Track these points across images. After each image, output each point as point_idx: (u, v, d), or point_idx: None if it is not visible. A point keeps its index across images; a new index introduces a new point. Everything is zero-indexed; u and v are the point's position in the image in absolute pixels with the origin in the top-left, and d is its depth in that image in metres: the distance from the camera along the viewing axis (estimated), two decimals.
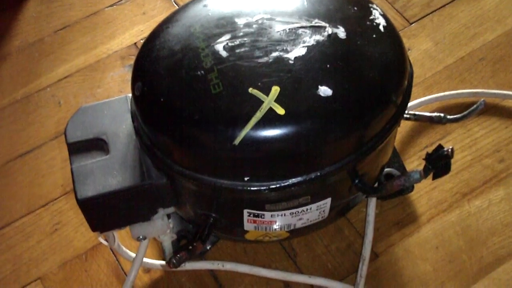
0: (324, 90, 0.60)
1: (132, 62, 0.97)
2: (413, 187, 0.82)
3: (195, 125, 0.60)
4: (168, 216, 0.71)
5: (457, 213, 0.82)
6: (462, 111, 0.82)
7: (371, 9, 0.67)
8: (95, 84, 0.96)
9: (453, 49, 0.98)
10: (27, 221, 0.84)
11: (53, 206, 0.85)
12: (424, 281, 0.77)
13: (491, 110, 0.90)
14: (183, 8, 0.69)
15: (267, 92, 0.59)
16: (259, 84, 0.60)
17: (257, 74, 0.61)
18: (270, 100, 0.59)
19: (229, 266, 0.78)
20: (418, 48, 0.98)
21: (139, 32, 1.02)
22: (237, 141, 0.58)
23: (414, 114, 0.78)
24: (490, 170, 0.85)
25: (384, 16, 0.68)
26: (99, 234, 0.70)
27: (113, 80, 0.96)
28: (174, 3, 1.06)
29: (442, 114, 0.77)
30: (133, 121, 0.67)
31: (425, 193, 0.83)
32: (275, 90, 0.60)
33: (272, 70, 0.61)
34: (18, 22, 1.04)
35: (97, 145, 0.68)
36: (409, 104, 0.84)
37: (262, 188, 0.62)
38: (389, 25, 0.67)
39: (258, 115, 0.59)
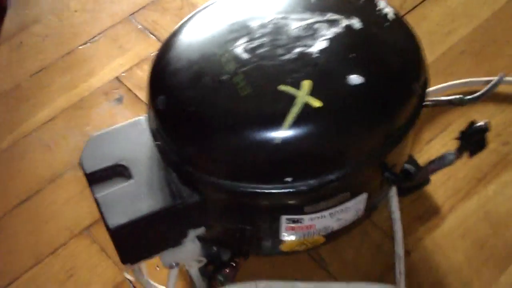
0: (356, 79, 0.59)
1: (116, 96, 0.95)
2: (429, 179, 0.81)
3: (231, 131, 0.58)
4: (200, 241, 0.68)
5: (476, 198, 0.82)
6: None
7: (376, 0, 0.68)
8: (83, 122, 0.93)
9: (432, 46, 1.00)
10: (37, 271, 0.79)
11: (63, 251, 0.80)
12: (459, 271, 0.76)
13: (485, 97, 0.91)
14: (190, 19, 0.67)
15: (298, 87, 0.58)
16: (289, 80, 0.59)
17: (284, 71, 0.60)
18: (304, 94, 0.58)
19: (262, 285, 0.74)
20: None
21: (119, 65, 1.00)
22: (277, 140, 0.57)
23: (433, 100, 0.78)
24: (497, 154, 0.86)
25: (389, 6, 0.68)
26: (127, 268, 0.66)
27: (100, 116, 0.93)
28: (150, 33, 1.04)
29: (461, 95, 0.78)
30: (155, 139, 0.64)
31: (441, 184, 0.83)
32: (307, 83, 0.58)
33: (298, 65, 0.60)
34: None
35: (117, 171, 0.65)
36: (430, 100, 0.85)
37: (304, 187, 0.60)
38: (396, 14, 0.68)
39: (295, 110, 0.57)
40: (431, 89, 0.91)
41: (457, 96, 0.79)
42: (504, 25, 1.01)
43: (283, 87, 0.58)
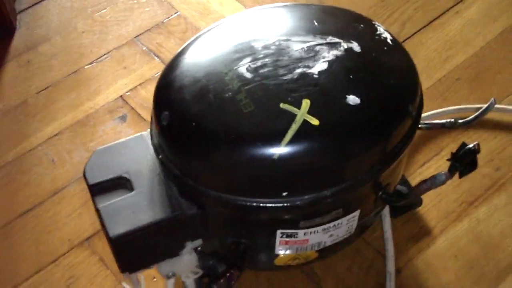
0: (353, 99, 0.62)
1: (120, 114, 0.98)
2: (421, 201, 0.84)
3: (232, 145, 0.61)
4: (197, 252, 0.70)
5: (467, 221, 0.84)
6: None
7: (375, 25, 0.71)
8: (87, 138, 0.95)
9: (429, 72, 1.02)
10: (38, 279, 0.81)
11: (63, 261, 0.82)
12: None
13: (478, 123, 0.93)
14: (196, 39, 0.70)
15: (298, 106, 0.61)
16: (289, 99, 0.61)
17: (285, 90, 0.62)
18: (303, 113, 0.60)
19: None
20: None
21: (123, 85, 1.02)
22: (276, 155, 0.59)
23: (426, 123, 0.81)
24: (489, 178, 0.88)
25: (387, 31, 0.71)
26: (125, 277, 0.68)
27: (105, 133, 0.96)
28: (154, 55, 1.07)
29: (453, 119, 0.80)
30: (157, 154, 0.66)
31: (433, 206, 0.85)
32: (306, 102, 0.61)
33: (299, 85, 0.63)
34: None
35: (120, 184, 0.67)
36: (424, 123, 0.87)
37: (300, 202, 0.62)
38: (394, 39, 0.70)
39: (294, 127, 0.60)
40: (426, 114, 0.94)
41: (450, 120, 0.81)
42: (497, 54, 1.04)
43: (284, 105, 0.61)
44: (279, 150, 0.59)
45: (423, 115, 0.92)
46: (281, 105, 0.61)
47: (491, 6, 1.12)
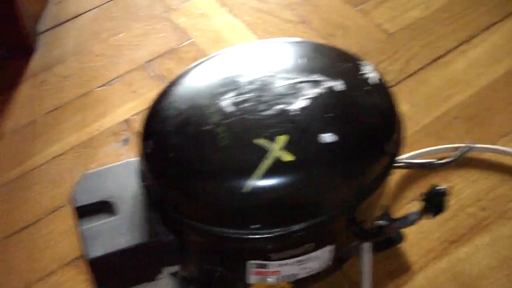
0: (327, 137, 0.64)
1: (124, 137, 1.02)
2: (402, 237, 0.85)
3: (205, 176, 0.64)
4: (175, 276, 0.73)
5: (447, 260, 0.85)
6: None
7: (362, 65, 0.73)
8: (89, 159, 0.99)
9: (428, 110, 1.04)
10: None
11: (50, 279, 0.85)
12: None
13: (470, 163, 0.95)
14: (186, 72, 0.74)
15: (273, 141, 0.63)
16: (265, 134, 0.64)
17: (262, 126, 0.65)
18: (276, 149, 0.63)
19: None
20: None
21: (130, 109, 1.06)
22: (245, 189, 0.62)
23: (406, 163, 0.83)
24: (474, 218, 0.89)
25: (374, 71, 0.73)
26: None
27: (107, 155, 0.99)
28: (164, 80, 1.10)
29: (432, 160, 0.82)
30: (142, 180, 0.70)
31: (415, 243, 0.87)
32: (281, 139, 0.64)
33: (277, 121, 0.65)
34: (11, 105, 1.08)
35: (104, 208, 0.71)
36: (402, 162, 0.89)
37: (269, 235, 0.64)
38: (379, 79, 0.72)
39: (266, 162, 0.62)
40: (419, 151, 0.95)
41: (429, 160, 0.83)
42: (498, 94, 1.05)
43: (257, 141, 0.64)
44: (249, 184, 0.62)
45: (418, 151, 0.95)
46: (255, 140, 0.64)
47: (496, 47, 1.13)
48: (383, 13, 1.20)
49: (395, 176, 0.93)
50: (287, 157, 0.63)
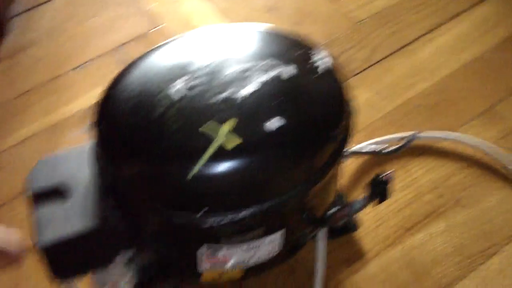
0: (274, 122, 0.65)
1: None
2: (357, 225, 0.87)
3: (153, 160, 0.65)
4: (130, 262, 0.75)
5: (401, 247, 0.87)
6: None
7: (317, 52, 0.74)
8: (57, 143, 1.01)
9: (392, 97, 1.06)
10: None
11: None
12: None
13: (428, 151, 0.97)
14: (143, 56, 0.74)
15: (221, 124, 0.65)
16: (214, 118, 0.65)
17: (210, 111, 0.66)
18: (222, 134, 0.64)
19: None
20: (360, 98, 1.05)
21: (99, 93, 1.07)
22: (190, 175, 0.63)
23: (354, 152, 0.85)
24: (430, 205, 0.91)
25: (328, 58, 0.74)
26: (59, 284, 0.72)
27: (73, 140, 1.01)
28: None
29: (379, 148, 0.85)
30: (95, 163, 0.71)
31: (371, 231, 0.89)
32: (227, 124, 0.65)
33: (225, 107, 0.66)
34: None
35: (59, 193, 0.71)
36: (352, 149, 0.91)
37: (217, 220, 0.66)
38: (331, 66, 0.73)
39: (211, 149, 0.64)
40: (378, 139, 0.97)
41: (378, 149, 0.85)
42: (460, 84, 1.06)
43: (204, 127, 0.65)
44: (195, 169, 0.63)
45: (378, 138, 0.97)
46: (204, 124, 0.65)
47: (463, 36, 1.14)
48: (351, 1, 1.21)
49: (354, 165, 0.95)
50: (235, 140, 0.64)
